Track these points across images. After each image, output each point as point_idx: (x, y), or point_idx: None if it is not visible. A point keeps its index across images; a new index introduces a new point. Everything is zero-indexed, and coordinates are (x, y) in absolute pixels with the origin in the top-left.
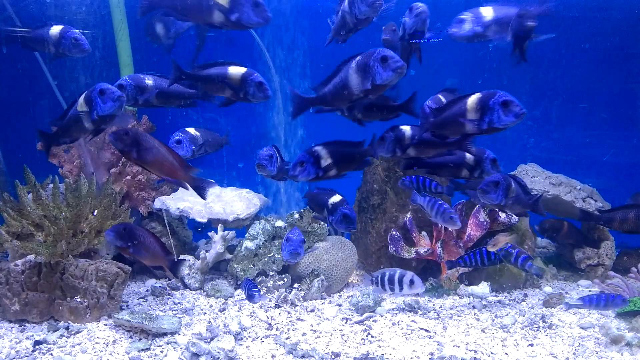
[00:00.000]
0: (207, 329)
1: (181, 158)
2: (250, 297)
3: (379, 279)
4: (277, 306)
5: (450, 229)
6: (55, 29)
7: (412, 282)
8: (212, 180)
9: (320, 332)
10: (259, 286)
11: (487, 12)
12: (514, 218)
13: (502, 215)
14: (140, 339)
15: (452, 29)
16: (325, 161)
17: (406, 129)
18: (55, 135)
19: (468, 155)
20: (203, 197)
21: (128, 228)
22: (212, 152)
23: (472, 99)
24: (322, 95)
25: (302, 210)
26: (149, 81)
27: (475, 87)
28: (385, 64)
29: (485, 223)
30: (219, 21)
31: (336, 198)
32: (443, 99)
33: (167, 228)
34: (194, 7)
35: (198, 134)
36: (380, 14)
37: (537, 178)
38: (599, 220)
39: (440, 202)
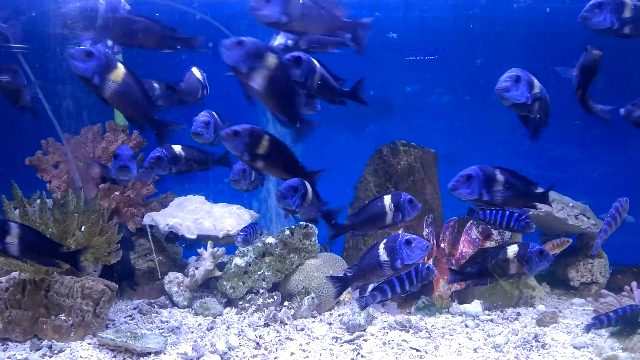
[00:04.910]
0: (193, 349)
1: None
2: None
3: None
4: (266, 325)
5: (442, 246)
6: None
7: None
8: None
9: (309, 352)
10: (251, 298)
11: None
12: (507, 235)
13: (495, 232)
14: (124, 359)
15: None
16: None
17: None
18: None
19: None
20: None
21: None
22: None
23: None
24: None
25: (292, 227)
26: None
27: (464, 103)
28: None
29: (477, 240)
30: None
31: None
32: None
33: (151, 244)
34: None
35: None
36: None
37: None
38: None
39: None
